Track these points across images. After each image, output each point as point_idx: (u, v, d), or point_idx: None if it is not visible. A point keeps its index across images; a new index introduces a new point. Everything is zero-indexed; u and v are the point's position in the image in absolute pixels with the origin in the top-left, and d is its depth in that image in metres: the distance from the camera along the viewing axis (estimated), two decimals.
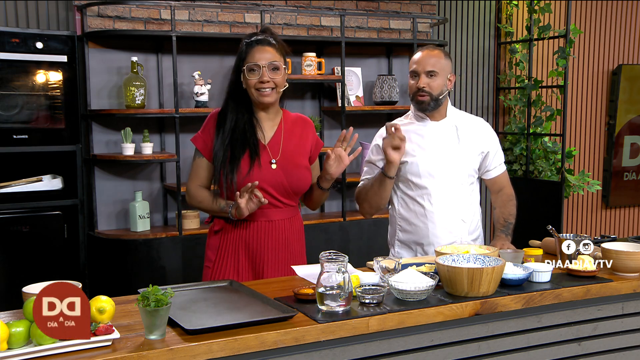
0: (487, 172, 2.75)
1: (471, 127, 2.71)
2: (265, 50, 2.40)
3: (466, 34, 5.25)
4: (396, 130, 2.48)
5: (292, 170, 2.44)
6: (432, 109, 2.63)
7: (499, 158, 2.76)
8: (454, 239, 2.63)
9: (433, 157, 2.62)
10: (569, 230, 5.76)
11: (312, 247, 4.16)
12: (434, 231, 2.62)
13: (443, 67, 2.59)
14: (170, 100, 4.08)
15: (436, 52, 2.61)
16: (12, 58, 3.50)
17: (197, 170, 2.47)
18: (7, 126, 3.53)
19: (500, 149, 2.78)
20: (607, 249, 2.27)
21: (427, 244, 2.63)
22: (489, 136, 2.74)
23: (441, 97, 2.61)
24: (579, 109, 5.80)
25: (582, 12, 5.68)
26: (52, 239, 3.62)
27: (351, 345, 1.81)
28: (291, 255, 2.48)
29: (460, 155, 2.65)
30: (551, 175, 5.13)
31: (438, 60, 2.59)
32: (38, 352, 1.53)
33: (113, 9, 3.93)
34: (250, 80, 2.37)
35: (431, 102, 2.60)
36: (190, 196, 2.48)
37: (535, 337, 2.10)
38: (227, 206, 2.38)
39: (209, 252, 2.49)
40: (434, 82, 2.58)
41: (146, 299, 1.62)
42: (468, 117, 2.76)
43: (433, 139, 2.64)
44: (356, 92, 4.58)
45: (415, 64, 2.61)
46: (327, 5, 4.59)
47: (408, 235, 2.69)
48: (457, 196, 2.64)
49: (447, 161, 2.63)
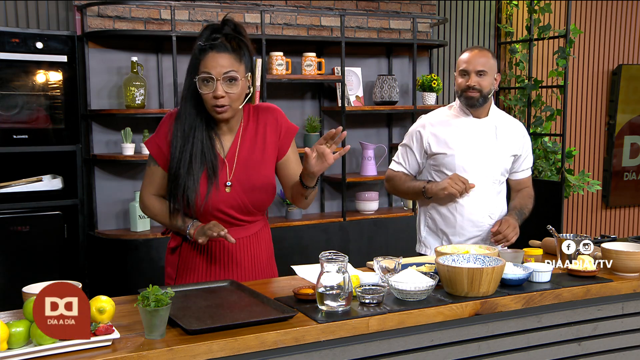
0: (515, 174, 2.89)
1: (510, 128, 2.82)
2: (221, 57, 2.06)
3: (466, 34, 5.25)
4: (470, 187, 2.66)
5: (252, 188, 2.20)
6: (480, 106, 2.73)
7: (528, 162, 2.91)
8: (478, 232, 2.75)
9: (469, 153, 2.71)
10: (569, 230, 5.76)
11: (312, 247, 4.18)
12: (462, 223, 2.74)
13: (492, 66, 2.72)
14: (170, 100, 4.08)
15: (485, 53, 2.73)
16: (12, 58, 3.50)
17: (152, 178, 2.23)
18: (7, 126, 3.53)
19: (531, 154, 2.93)
20: (607, 249, 2.27)
21: (453, 234, 2.76)
22: (524, 140, 2.87)
23: (489, 95, 2.73)
24: (579, 109, 5.80)
25: (582, 12, 5.67)
26: (52, 239, 3.62)
27: (351, 345, 1.81)
28: (258, 268, 2.32)
29: (496, 154, 2.75)
30: (551, 175, 5.13)
31: (487, 60, 2.71)
32: (38, 352, 1.53)
33: (113, 9, 3.93)
34: (204, 94, 2.08)
35: (480, 98, 2.71)
36: (145, 206, 2.27)
37: (535, 337, 2.10)
38: (184, 225, 2.17)
39: (168, 267, 2.32)
40: (484, 81, 2.69)
41: (146, 299, 1.62)
42: (508, 119, 2.87)
43: (472, 135, 2.74)
44: (356, 92, 4.58)
45: (465, 63, 2.72)
46: (327, 5, 4.58)
47: (436, 223, 2.80)
48: (487, 193, 2.74)
49: (482, 158, 2.73)
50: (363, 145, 4.59)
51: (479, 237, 2.76)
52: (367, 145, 4.56)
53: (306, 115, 4.50)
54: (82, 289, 1.62)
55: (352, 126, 4.63)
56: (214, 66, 2.05)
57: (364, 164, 4.58)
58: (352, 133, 4.61)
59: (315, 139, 4.38)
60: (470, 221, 2.73)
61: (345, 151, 2.06)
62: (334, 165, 4.61)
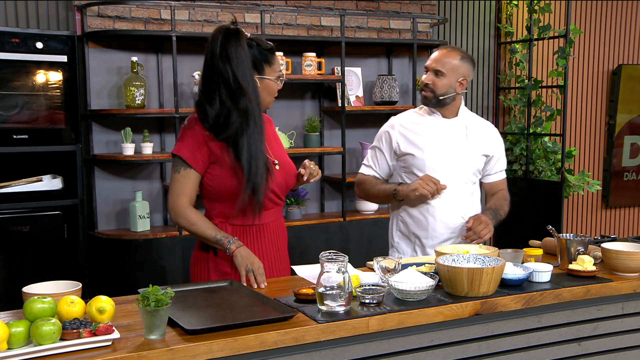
0: (488, 176, 2.81)
1: (480, 129, 2.76)
2: None
3: (466, 34, 5.25)
4: (442, 188, 2.59)
5: (287, 167, 2.38)
6: (433, 106, 2.68)
7: (501, 164, 2.82)
8: (451, 234, 2.68)
9: (440, 153, 2.65)
10: (569, 230, 5.76)
11: (312, 247, 4.18)
12: (434, 225, 2.66)
13: (454, 68, 2.63)
14: (170, 100, 4.08)
15: (452, 54, 2.65)
16: (12, 58, 3.50)
17: (185, 183, 2.22)
18: (7, 126, 3.53)
19: (504, 156, 2.84)
20: (607, 249, 2.27)
21: (425, 237, 2.69)
22: (496, 141, 2.79)
23: (445, 97, 2.65)
24: (579, 109, 5.80)
25: (582, 12, 5.67)
26: (52, 239, 3.62)
27: (351, 345, 1.81)
28: (281, 255, 2.43)
29: (467, 154, 2.69)
30: (551, 175, 5.13)
31: (450, 61, 2.63)
32: (38, 352, 1.53)
33: (113, 9, 3.93)
34: (276, 87, 2.30)
35: (433, 99, 2.65)
36: (179, 216, 2.23)
37: (535, 337, 2.10)
38: (224, 239, 2.20)
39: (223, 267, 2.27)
40: (440, 82, 2.63)
41: (146, 299, 1.62)
42: (479, 120, 2.82)
43: (442, 135, 2.68)
44: (356, 92, 4.58)
45: (429, 60, 2.68)
46: (327, 5, 4.59)
47: (408, 226, 2.73)
48: (459, 193, 2.68)
49: (453, 158, 2.67)
50: (363, 145, 4.59)
51: (452, 239, 2.67)
52: (367, 145, 4.56)
53: (306, 115, 4.50)
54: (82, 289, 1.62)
55: (352, 126, 4.63)
56: (279, 63, 2.31)
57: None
58: (352, 133, 4.61)
59: (315, 139, 4.39)
60: (443, 223, 2.65)
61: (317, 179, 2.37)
62: (334, 165, 4.62)
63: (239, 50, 2.16)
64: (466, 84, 2.68)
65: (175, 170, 2.25)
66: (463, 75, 2.65)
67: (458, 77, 2.64)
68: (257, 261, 2.19)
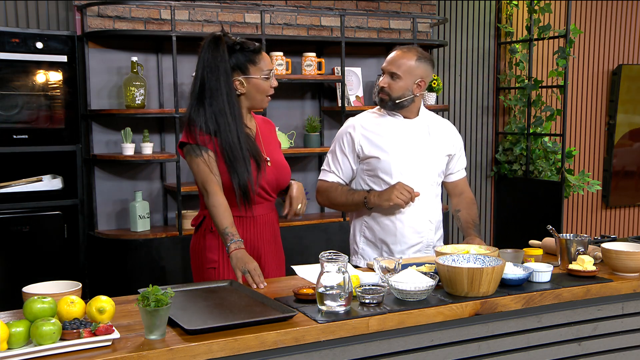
0: (450, 175, 2.76)
1: (441, 128, 2.70)
2: None
3: (466, 34, 5.25)
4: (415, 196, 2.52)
5: (279, 167, 2.48)
6: (390, 109, 2.60)
7: (462, 162, 2.78)
8: (420, 238, 2.63)
9: (405, 155, 2.58)
10: (569, 230, 5.76)
11: (312, 247, 4.18)
12: (402, 231, 2.59)
13: (410, 70, 2.53)
14: (170, 100, 4.08)
15: (408, 55, 2.55)
16: (12, 58, 3.50)
17: (210, 166, 2.32)
18: (7, 126, 3.53)
19: (464, 153, 2.80)
20: (607, 249, 2.27)
21: (394, 243, 2.60)
22: (456, 139, 2.75)
23: (402, 100, 2.56)
24: (579, 109, 5.80)
25: (582, 12, 5.67)
26: (52, 239, 3.62)
27: (351, 345, 1.81)
28: (277, 247, 2.55)
29: (431, 154, 2.63)
30: (551, 175, 5.13)
31: (405, 63, 2.54)
32: (38, 352, 1.53)
33: (113, 9, 3.93)
34: (265, 85, 2.39)
35: (389, 102, 2.57)
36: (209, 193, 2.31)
37: (535, 337, 2.10)
38: (229, 236, 2.25)
39: (209, 253, 2.42)
40: (396, 84, 2.54)
41: (146, 299, 1.62)
42: (438, 118, 2.75)
43: (405, 136, 2.60)
44: (356, 92, 4.58)
45: (385, 62, 2.60)
46: (327, 5, 4.58)
47: (375, 232, 2.64)
48: (425, 197, 2.61)
49: (418, 160, 2.60)
50: None
51: (420, 243, 2.62)
52: None
53: (306, 115, 4.50)
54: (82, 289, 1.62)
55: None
56: (269, 63, 2.40)
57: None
58: None
59: (315, 139, 4.39)
60: (411, 228, 2.58)
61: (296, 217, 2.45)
62: None
63: (214, 57, 2.33)
64: (424, 85, 2.57)
65: (195, 156, 2.34)
66: (420, 76, 2.54)
67: (415, 79, 2.53)
68: (252, 263, 2.21)
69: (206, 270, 2.43)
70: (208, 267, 2.43)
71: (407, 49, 2.58)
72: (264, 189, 2.42)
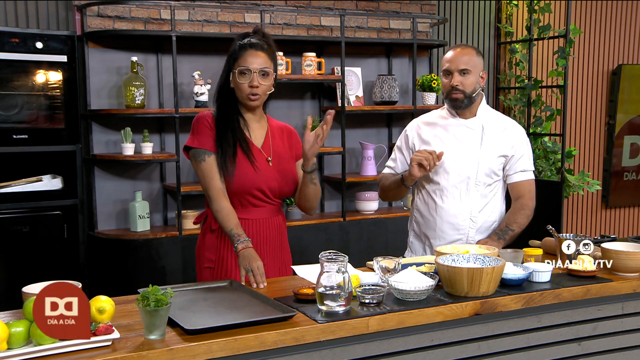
0: (508, 177, 2.71)
1: (499, 128, 2.69)
2: (258, 55, 2.39)
3: (466, 34, 5.25)
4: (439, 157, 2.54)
5: (284, 172, 2.48)
6: (465, 106, 2.65)
7: (522, 164, 2.68)
8: (460, 235, 2.65)
9: (451, 155, 2.64)
10: (569, 230, 5.76)
11: (312, 247, 4.18)
12: (441, 226, 2.67)
13: (475, 64, 2.62)
14: (170, 100, 4.08)
15: (468, 50, 2.64)
16: (12, 58, 3.50)
17: (212, 170, 2.38)
18: (7, 126, 3.53)
19: (528, 156, 2.71)
20: (607, 249, 2.27)
21: (433, 238, 2.69)
22: (516, 141, 2.69)
23: (474, 94, 2.64)
24: (579, 109, 5.80)
25: (582, 12, 5.68)
26: (52, 239, 3.62)
27: (351, 345, 1.81)
28: (282, 251, 2.53)
29: (480, 155, 2.64)
30: (551, 175, 5.13)
31: (470, 58, 2.61)
32: (38, 352, 1.53)
33: (113, 9, 3.93)
34: (241, 83, 2.39)
35: (465, 99, 2.63)
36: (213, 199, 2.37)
37: (535, 337, 2.10)
38: (236, 236, 2.28)
39: (207, 252, 2.45)
40: (467, 80, 2.60)
41: (146, 299, 1.62)
42: (499, 118, 2.75)
43: (455, 137, 2.67)
44: (356, 92, 4.58)
45: (448, 63, 2.63)
46: (327, 5, 4.58)
47: (420, 226, 2.76)
48: (470, 195, 2.64)
49: (465, 160, 2.64)
50: (363, 145, 4.59)
51: (459, 241, 2.63)
52: (367, 145, 4.57)
53: (306, 115, 4.50)
54: (82, 289, 1.62)
55: (352, 126, 4.63)
56: (252, 61, 2.39)
57: (363, 164, 4.58)
58: (352, 133, 4.61)
59: None
60: (450, 224, 2.64)
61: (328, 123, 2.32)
62: (334, 165, 4.62)
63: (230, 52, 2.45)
64: (485, 78, 2.68)
65: (200, 161, 2.40)
66: (482, 69, 2.66)
67: (479, 72, 2.64)
68: (256, 262, 2.21)
69: (203, 269, 2.46)
70: (205, 267, 2.46)
71: (464, 46, 2.68)
72: (263, 192, 2.42)
